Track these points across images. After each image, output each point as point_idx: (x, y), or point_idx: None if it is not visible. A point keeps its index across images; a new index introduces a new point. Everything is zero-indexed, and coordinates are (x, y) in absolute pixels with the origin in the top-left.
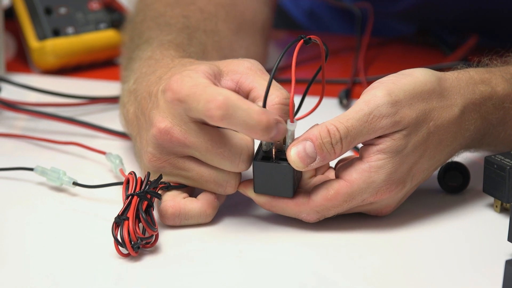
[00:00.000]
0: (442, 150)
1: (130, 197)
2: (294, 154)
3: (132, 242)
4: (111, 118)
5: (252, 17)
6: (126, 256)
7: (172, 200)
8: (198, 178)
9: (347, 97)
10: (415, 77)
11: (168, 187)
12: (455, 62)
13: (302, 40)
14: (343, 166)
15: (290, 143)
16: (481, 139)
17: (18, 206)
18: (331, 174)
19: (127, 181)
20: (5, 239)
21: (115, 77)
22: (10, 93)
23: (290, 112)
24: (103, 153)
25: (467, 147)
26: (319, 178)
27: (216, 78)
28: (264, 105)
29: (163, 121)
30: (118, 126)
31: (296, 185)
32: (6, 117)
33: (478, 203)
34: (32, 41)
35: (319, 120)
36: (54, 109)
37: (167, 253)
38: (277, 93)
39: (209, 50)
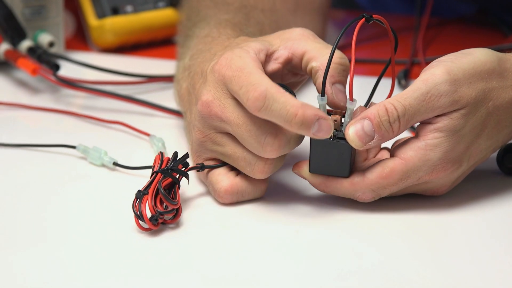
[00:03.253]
0: (501, 130)
1: (154, 174)
2: (352, 132)
3: (151, 216)
4: (169, 97)
5: None
6: (147, 230)
7: (227, 179)
8: (231, 154)
9: (405, 78)
10: (475, 57)
11: (202, 167)
12: None
13: (363, 19)
14: (399, 144)
15: (349, 122)
16: None
17: (57, 181)
18: (384, 156)
19: (156, 161)
20: (44, 211)
21: (173, 56)
22: (69, 71)
23: (350, 91)
24: (148, 134)
25: None
26: (372, 161)
27: (268, 54)
28: (323, 88)
29: (206, 94)
30: (175, 105)
31: (352, 166)
32: (65, 95)
33: None
34: (91, 19)
35: (377, 100)
36: (113, 87)
37: (188, 230)
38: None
39: (266, 30)
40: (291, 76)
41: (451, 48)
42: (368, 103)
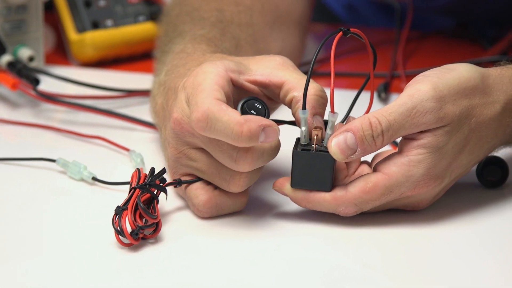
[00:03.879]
0: (482, 146)
1: (132, 190)
2: (334, 145)
3: (131, 230)
4: (149, 111)
5: (287, 10)
6: (128, 245)
7: (206, 193)
8: (206, 169)
9: (385, 91)
10: (459, 73)
11: (180, 183)
12: (495, 56)
13: (341, 32)
14: (381, 159)
15: (331, 134)
16: None
17: (36, 196)
18: (364, 170)
19: (133, 177)
20: (20, 225)
21: (153, 70)
22: (49, 85)
23: (330, 103)
24: (127, 149)
25: (507, 143)
26: (353, 177)
27: (242, 74)
28: (304, 102)
29: (176, 111)
30: None
31: (333, 181)
32: (45, 109)
33: None
34: (71, 33)
35: (357, 113)
36: (93, 102)
37: (169, 244)
38: (312, 85)
39: (242, 45)
40: (266, 99)
41: (431, 62)
42: (346, 117)
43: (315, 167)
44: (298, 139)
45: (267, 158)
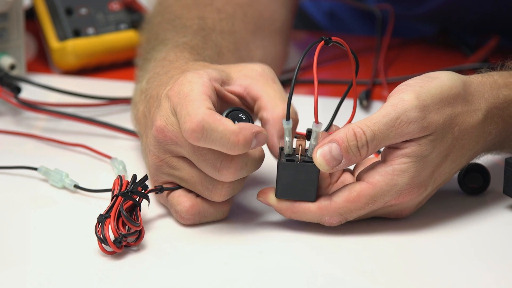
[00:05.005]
0: (465, 153)
1: (114, 197)
2: (319, 155)
3: (114, 238)
4: (130, 118)
5: (270, 17)
6: (111, 253)
7: (188, 200)
8: (188, 178)
9: (367, 98)
10: (442, 81)
11: (161, 190)
12: (476, 64)
13: (322, 42)
14: (365, 168)
15: (315, 145)
16: (503, 142)
17: (18, 204)
18: (347, 179)
19: (115, 184)
20: (2, 233)
21: (135, 78)
22: (31, 93)
23: (315, 114)
24: (109, 157)
25: (488, 150)
26: (336, 186)
27: (224, 83)
28: (288, 112)
29: (159, 119)
30: None
31: (317, 190)
32: (27, 117)
33: (499, 205)
34: (53, 41)
35: (338, 120)
36: (74, 110)
37: (152, 252)
38: (281, 106)
39: (224, 52)
40: (247, 109)
41: (413, 69)
42: (330, 125)
43: (300, 178)
44: (281, 149)
45: (251, 169)
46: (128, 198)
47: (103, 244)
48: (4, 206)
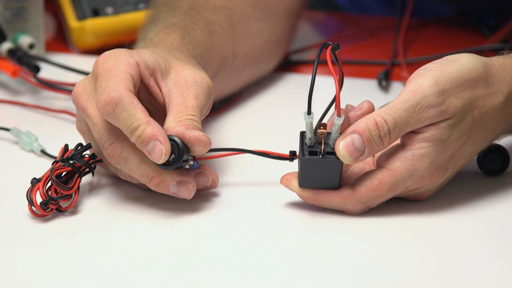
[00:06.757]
0: (485, 136)
1: (53, 163)
2: (342, 148)
3: (41, 201)
4: None
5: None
6: (40, 216)
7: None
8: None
9: (386, 79)
10: (462, 64)
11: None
12: (496, 44)
13: (330, 47)
14: (385, 155)
15: (338, 137)
16: None
17: None
18: (367, 162)
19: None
20: None
21: None
22: (50, 73)
23: (337, 106)
24: None
25: (508, 132)
26: (356, 167)
27: (158, 73)
28: (309, 106)
29: (79, 86)
30: None
31: (340, 179)
32: (46, 97)
33: None
34: (72, 21)
35: (358, 101)
36: None
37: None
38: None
39: (216, 31)
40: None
41: (432, 49)
42: (321, 119)
43: (324, 170)
44: (302, 140)
45: (125, 166)
46: (66, 164)
47: (32, 207)
48: None
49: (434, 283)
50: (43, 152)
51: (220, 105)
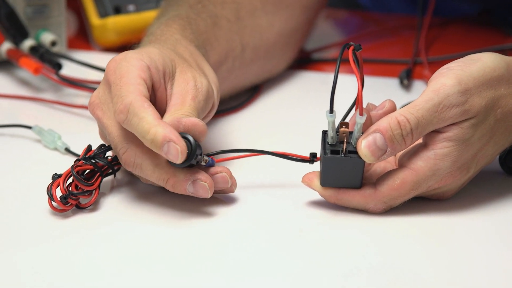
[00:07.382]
0: (508, 136)
1: (76, 161)
2: (364, 147)
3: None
4: None
5: None
6: (60, 211)
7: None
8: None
9: (407, 78)
10: (484, 63)
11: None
12: None
13: (352, 47)
14: (407, 154)
15: (360, 136)
16: None
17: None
18: (389, 161)
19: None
20: None
21: None
22: (71, 70)
23: (359, 105)
24: None
25: None
26: (378, 167)
27: (165, 75)
28: (332, 105)
29: (95, 95)
30: None
31: (362, 178)
32: (67, 94)
33: None
34: (94, 18)
35: (380, 100)
36: None
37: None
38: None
39: (222, 24)
40: None
41: (454, 48)
42: (344, 118)
43: (346, 169)
44: (324, 139)
45: (141, 171)
46: (88, 162)
47: (52, 201)
48: None
49: (462, 286)
50: (67, 150)
51: (239, 104)
